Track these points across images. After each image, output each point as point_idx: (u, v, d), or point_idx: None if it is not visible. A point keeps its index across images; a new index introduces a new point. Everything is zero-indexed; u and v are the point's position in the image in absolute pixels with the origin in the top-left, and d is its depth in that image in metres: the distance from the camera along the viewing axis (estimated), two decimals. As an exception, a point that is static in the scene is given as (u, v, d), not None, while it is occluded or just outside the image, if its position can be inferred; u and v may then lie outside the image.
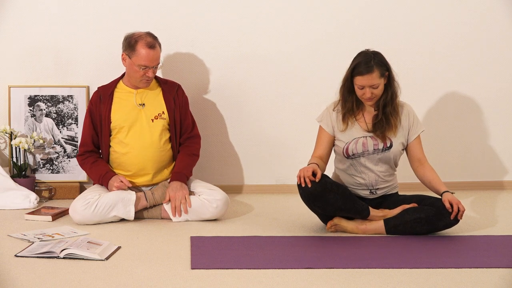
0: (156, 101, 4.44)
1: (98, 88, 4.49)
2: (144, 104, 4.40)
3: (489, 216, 4.42)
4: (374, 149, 4.02)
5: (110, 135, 4.40)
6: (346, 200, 3.93)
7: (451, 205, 3.87)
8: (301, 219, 4.31)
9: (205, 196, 4.25)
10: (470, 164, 5.22)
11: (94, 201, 4.14)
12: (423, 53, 5.10)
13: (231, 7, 4.98)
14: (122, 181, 4.26)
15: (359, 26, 5.04)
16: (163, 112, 4.41)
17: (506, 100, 5.18)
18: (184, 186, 4.29)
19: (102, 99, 4.41)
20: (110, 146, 4.41)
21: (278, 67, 5.05)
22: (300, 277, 3.28)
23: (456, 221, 3.92)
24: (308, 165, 3.96)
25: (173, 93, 4.47)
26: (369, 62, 3.92)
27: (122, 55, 4.37)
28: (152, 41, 4.32)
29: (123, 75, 4.47)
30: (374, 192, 4.06)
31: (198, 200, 4.25)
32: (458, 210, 3.87)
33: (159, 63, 4.36)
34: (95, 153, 4.44)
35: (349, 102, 4.02)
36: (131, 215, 4.20)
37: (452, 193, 3.92)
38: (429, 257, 3.57)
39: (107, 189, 4.31)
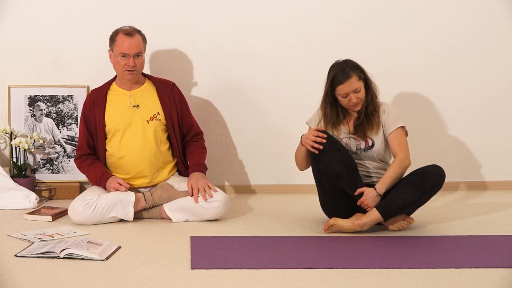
0: (151, 101, 4.43)
1: (91, 91, 4.49)
2: (138, 106, 4.40)
3: (489, 216, 4.42)
4: (356, 149, 4.11)
5: (106, 139, 4.40)
6: (349, 167, 3.99)
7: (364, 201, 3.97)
8: (301, 219, 4.31)
9: (206, 196, 4.26)
10: (469, 164, 5.22)
11: (93, 202, 4.14)
12: (423, 53, 5.10)
13: (231, 7, 4.98)
14: (120, 183, 4.26)
15: (359, 26, 5.04)
16: (158, 113, 4.40)
17: (506, 100, 5.18)
18: (204, 176, 4.34)
19: (95, 102, 4.41)
20: (106, 150, 4.41)
21: (278, 67, 5.05)
22: (300, 277, 3.28)
23: (440, 177, 3.96)
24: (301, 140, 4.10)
25: (167, 92, 4.46)
26: (344, 69, 4.06)
27: (108, 52, 4.41)
28: (130, 30, 4.36)
29: (116, 76, 4.48)
30: (370, 176, 4.11)
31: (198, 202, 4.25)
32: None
33: (140, 52, 4.35)
34: (92, 155, 4.44)
35: (333, 115, 4.15)
36: (130, 216, 4.20)
37: (379, 195, 3.96)
38: (429, 257, 3.57)
39: (105, 190, 4.31)
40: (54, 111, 4.89)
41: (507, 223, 4.27)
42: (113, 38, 4.37)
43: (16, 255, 3.52)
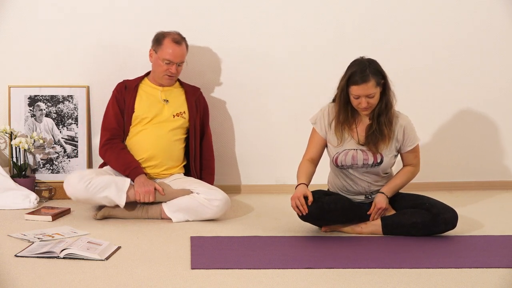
0: (179, 100, 4.56)
1: (124, 80, 4.58)
2: (168, 101, 4.51)
3: (489, 216, 4.42)
4: (363, 164, 3.95)
5: (131, 125, 4.46)
6: (346, 211, 3.94)
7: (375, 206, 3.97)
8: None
9: (205, 196, 4.25)
10: (470, 164, 5.22)
11: (89, 178, 4.20)
12: (423, 53, 5.10)
13: (231, 7, 4.98)
14: (155, 188, 4.26)
15: (359, 26, 5.04)
16: (184, 112, 4.52)
17: (506, 100, 5.18)
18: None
19: (127, 88, 4.51)
20: (127, 134, 4.48)
21: (278, 67, 5.05)
22: (300, 277, 3.28)
23: (452, 226, 3.93)
24: (296, 187, 3.90)
25: (195, 96, 4.62)
26: (364, 71, 3.80)
27: (150, 51, 4.51)
28: (179, 38, 4.48)
29: (148, 73, 4.58)
30: (369, 197, 4.05)
31: (198, 200, 4.25)
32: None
33: (183, 61, 4.47)
34: (120, 137, 4.46)
35: (345, 113, 3.93)
36: (122, 200, 4.21)
37: (387, 197, 3.96)
38: (429, 257, 3.57)
39: (132, 181, 4.29)
40: (54, 111, 4.89)
41: (506, 223, 4.27)
42: (159, 41, 4.46)
43: (16, 255, 3.52)
